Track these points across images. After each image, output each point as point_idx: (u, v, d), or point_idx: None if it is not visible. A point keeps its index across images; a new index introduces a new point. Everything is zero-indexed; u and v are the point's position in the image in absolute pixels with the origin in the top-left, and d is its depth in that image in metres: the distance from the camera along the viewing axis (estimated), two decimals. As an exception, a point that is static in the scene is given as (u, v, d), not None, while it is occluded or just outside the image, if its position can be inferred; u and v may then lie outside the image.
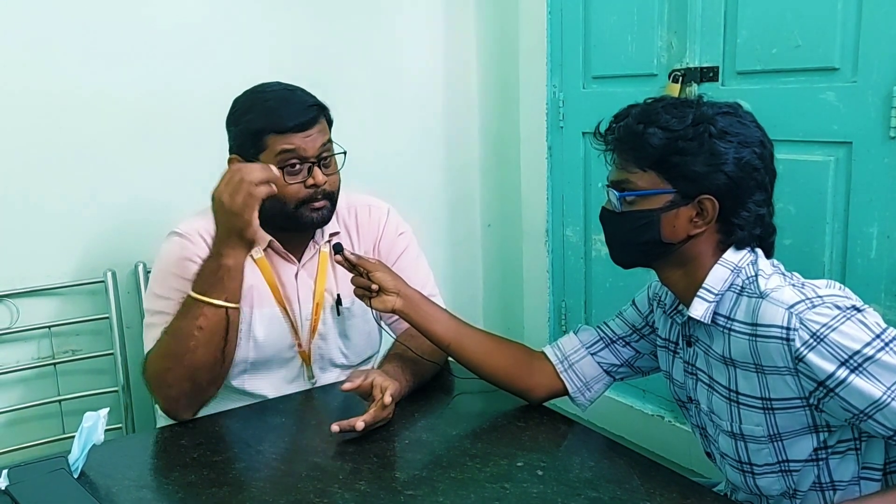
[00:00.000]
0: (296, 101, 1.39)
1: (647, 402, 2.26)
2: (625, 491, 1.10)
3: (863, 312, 1.02)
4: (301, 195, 1.39)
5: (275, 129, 1.36)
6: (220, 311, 1.29)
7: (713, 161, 1.07)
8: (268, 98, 1.39)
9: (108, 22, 1.89)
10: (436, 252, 2.49)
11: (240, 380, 1.46)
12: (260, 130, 1.37)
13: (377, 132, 2.37)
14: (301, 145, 1.37)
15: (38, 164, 1.84)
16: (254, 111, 1.39)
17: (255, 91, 1.43)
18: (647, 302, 1.33)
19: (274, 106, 1.38)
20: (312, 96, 1.43)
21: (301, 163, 1.38)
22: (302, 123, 1.37)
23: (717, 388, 1.15)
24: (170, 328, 1.31)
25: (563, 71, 2.34)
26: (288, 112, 1.37)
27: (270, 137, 1.37)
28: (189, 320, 1.29)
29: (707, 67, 1.90)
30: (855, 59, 1.61)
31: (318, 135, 1.39)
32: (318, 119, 1.40)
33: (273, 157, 1.37)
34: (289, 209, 1.39)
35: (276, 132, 1.36)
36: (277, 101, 1.38)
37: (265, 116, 1.37)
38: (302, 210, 1.40)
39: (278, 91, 1.41)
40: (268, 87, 1.43)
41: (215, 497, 1.11)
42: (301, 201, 1.39)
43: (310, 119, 1.38)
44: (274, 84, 1.44)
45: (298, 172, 1.38)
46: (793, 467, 1.10)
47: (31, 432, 1.85)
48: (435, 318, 1.35)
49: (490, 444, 1.25)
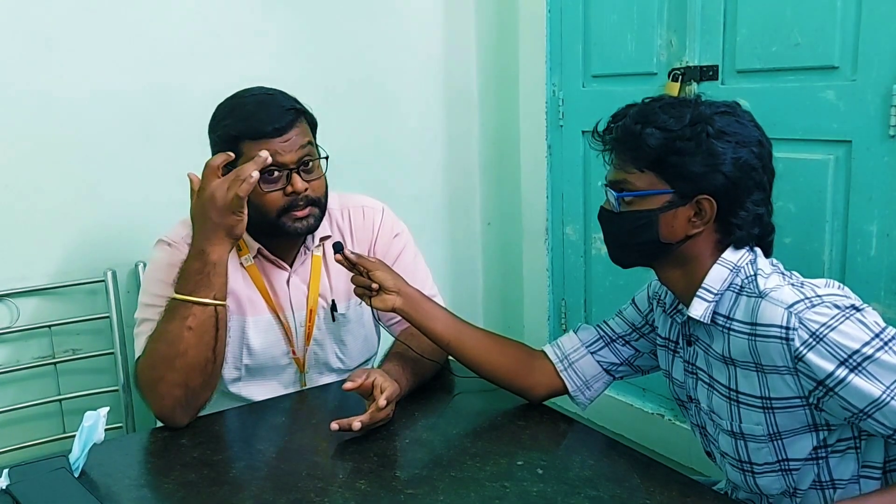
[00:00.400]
0: (273, 104, 1.35)
1: (647, 401, 2.26)
2: (625, 489, 1.10)
3: (862, 312, 1.02)
4: (281, 203, 1.35)
5: (250, 134, 1.33)
6: (208, 310, 1.28)
7: (711, 161, 1.07)
8: (245, 103, 1.36)
9: (108, 22, 1.89)
10: (436, 250, 2.49)
11: (235, 386, 1.46)
12: (236, 136, 1.34)
13: (377, 131, 2.37)
14: (278, 151, 1.32)
15: (38, 164, 1.84)
16: (231, 116, 1.36)
17: (235, 96, 1.40)
18: (646, 301, 1.33)
19: (251, 111, 1.34)
20: (292, 99, 1.39)
21: (279, 169, 1.34)
22: (278, 129, 1.33)
23: (717, 388, 1.15)
24: (157, 334, 1.29)
25: (562, 69, 2.33)
26: (264, 117, 1.33)
27: (246, 144, 1.33)
28: (178, 322, 1.27)
29: (707, 66, 1.90)
30: (854, 57, 1.60)
31: (297, 139, 1.35)
32: (297, 123, 1.36)
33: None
34: (270, 219, 1.36)
35: (252, 138, 1.33)
36: (254, 105, 1.35)
37: (241, 122, 1.34)
38: (284, 220, 1.36)
39: (257, 95, 1.38)
40: (248, 92, 1.40)
41: (215, 496, 1.11)
42: (282, 209, 1.35)
43: (287, 123, 1.34)
44: (255, 89, 1.40)
45: (277, 180, 1.34)
46: (793, 466, 1.10)
47: (31, 432, 1.85)
48: (435, 316, 1.35)
49: (490, 443, 1.25)
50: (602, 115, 1.18)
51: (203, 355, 1.29)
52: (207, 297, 1.28)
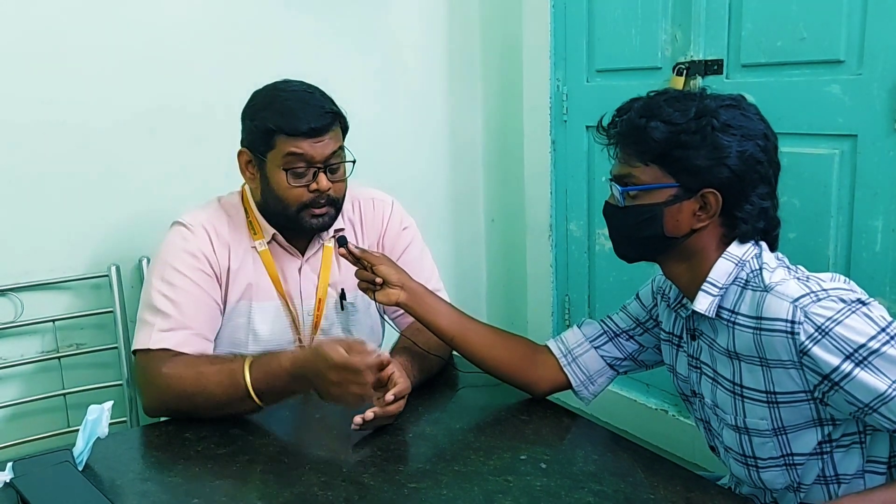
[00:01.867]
0: (313, 104, 1.37)
1: (650, 397, 2.26)
2: (628, 484, 1.10)
3: (868, 306, 1.02)
4: (304, 199, 1.38)
5: (286, 130, 1.35)
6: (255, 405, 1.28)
7: (716, 155, 1.06)
8: (286, 98, 1.38)
9: (113, 18, 1.89)
10: (440, 246, 2.48)
11: None
12: (272, 130, 1.36)
13: (381, 127, 2.37)
14: (309, 151, 1.36)
15: (41, 159, 1.84)
16: (270, 109, 1.38)
17: (275, 87, 1.42)
18: (650, 296, 1.32)
19: (291, 107, 1.36)
20: (330, 101, 1.41)
21: (307, 167, 1.37)
22: (315, 129, 1.36)
23: (721, 382, 1.15)
24: (204, 387, 1.28)
25: (566, 64, 2.33)
26: (303, 116, 1.35)
27: (280, 138, 1.36)
28: (229, 396, 1.27)
29: (711, 60, 1.89)
30: (860, 51, 1.60)
31: (330, 142, 1.38)
32: (332, 126, 1.39)
33: (280, 157, 1.37)
34: (290, 212, 1.39)
35: (288, 134, 1.36)
36: (295, 102, 1.37)
37: (280, 116, 1.36)
38: (303, 214, 1.39)
39: (297, 92, 1.40)
40: (289, 85, 1.41)
41: (219, 490, 1.11)
42: (303, 205, 1.38)
43: (323, 126, 1.37)
44: (295, 83, 1.42)
45: (303, 176, 1.37)
46: (797, 461, 1.10)
47: (35, 426, 1.85)
48: (439, 311, 1.35)
49: (493, 438, 1.25)
50: (606, 110, 1.18)
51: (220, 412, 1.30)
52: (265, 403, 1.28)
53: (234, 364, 1.28)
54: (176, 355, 1.34)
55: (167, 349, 1.34)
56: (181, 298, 1.37)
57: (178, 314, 1.36)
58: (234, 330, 1.45)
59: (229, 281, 1.43)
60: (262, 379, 1.26)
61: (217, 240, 1.43)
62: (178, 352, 1.34)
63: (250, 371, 1.26)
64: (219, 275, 1.43)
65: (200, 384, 1.28)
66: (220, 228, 1.44)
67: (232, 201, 1.49)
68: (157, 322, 1.36)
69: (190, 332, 1.37)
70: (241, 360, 1.29)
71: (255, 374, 1.26)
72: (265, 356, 1.29)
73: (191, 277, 1.39)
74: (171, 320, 1.36)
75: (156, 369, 1.32)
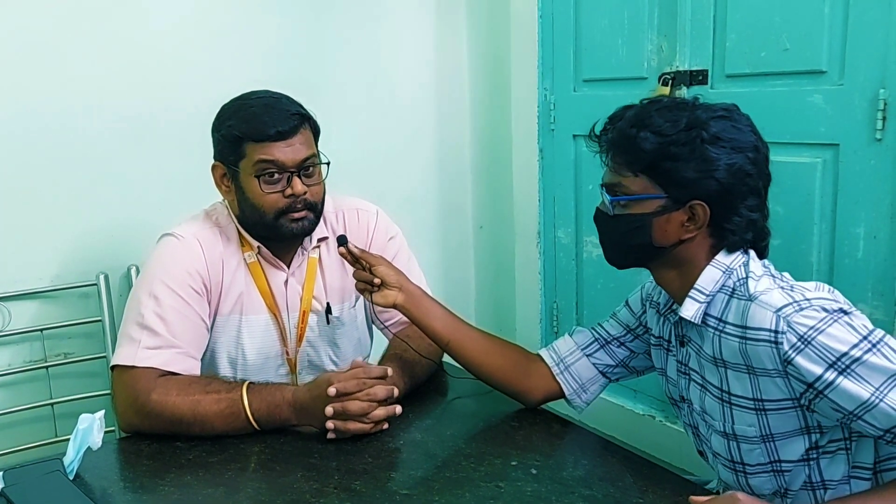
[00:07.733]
0: (279, 108, 1.36)
1: (637, 402, 2.28)
2: (618, 489, 1.11)
3: (850, 315, 1.03)
4: (280, 205, 1.36)
5: (253, 136, 1.34)
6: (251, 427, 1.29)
7: (704, 167, 1.07)
8: (251, 105, 1.37)
9: (100, 25, 1.89)
10: (428, 254, 2.50)
11: None
12: (239, 137, 1.35)
13: (369, 135, 2.38)
14: (280, 156, 1.34)
15: (30, 168, 1.83)
16: (235, 117, 1.37)
17: (240, 98, 1.41)
18: (640, 302, 1.34)
19: (256, 113, 1.35)
20: (297, 105, 1.40)
21: (279, 172, 1.35)
22: (282, 132, 1.34)
23: (709, 389, 1.16)
24: (203, 417, 1.27)
25: (553, 74, 2.35)
26: (268, 120, 1.34)
27: (249, 145, 1.35)
28: (228, 425, 1.28)
29: (696, 70, 1.92)
30: (842, 62, 1.63)
31: (300, 145, 1.36)
32: (301, 128, 1.37)
33: (251, 165, 1.35)
34: (268, 219, 1.37)
35: (255, 140, 1.34)
36: (260, 108, 1.36)
37: (246, 123, 1.35)
38: (282, 221, 1.38)
39: (263, 98, 1.39)
40: (254, 94, 1.41)
41: (211, 498, 1.12)
42: (280, 211, 1.37)
43: (291, 128, 1.35)
44: (261, 92, 1.41)
45: (277, 182, 1.36)
46: (784, 467, 1.11)
47: (23, 435, 1.84)
48: (435, 314, 1.35)
49: (485, 444, 1.26)
50: (593, 119, 1.19)
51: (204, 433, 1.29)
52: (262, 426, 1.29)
53: (233, 393, 1.28)
54: (161, 375, 1.31)
55: (152, 367, 1.31)
56: (170, 316, 1.34)
57: (166, 332, 1.33)
58: (225, 343, 1.44)
59: (222, 294, 1.42)
60: (265, 410, 1.28)
61: (210, 253, 1.41)
62: (163, 371, 1.32)
63: (250, 402, 1.28)
64: (210, 290, 1.40)
65: (198, 414, 1.27)
66: (212, 241, 1.42)
67: (222, 213, 1.47)
68: (143, 339, 1.32)
69: (177, 350, 1.34)
70: (239, 387, 1.29)
71: (257, 406, 1.28)
72: (266, 387, 1.31)
73: (181, 294, 1.36)
74: (158, 338, 1.33)
75: (143, 391, 1.29)
